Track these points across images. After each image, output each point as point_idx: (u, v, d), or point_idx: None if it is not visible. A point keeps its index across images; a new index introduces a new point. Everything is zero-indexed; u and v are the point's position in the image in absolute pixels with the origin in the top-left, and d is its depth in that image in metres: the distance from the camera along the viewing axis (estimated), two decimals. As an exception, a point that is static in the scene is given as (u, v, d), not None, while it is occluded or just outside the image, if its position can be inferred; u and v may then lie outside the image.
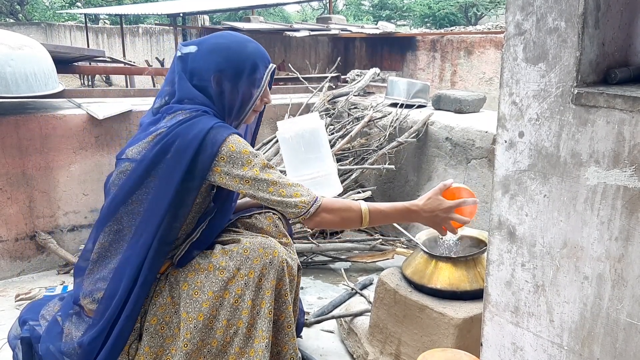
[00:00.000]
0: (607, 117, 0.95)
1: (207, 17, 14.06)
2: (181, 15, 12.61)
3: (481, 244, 1.75)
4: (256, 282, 1.49)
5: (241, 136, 1.49)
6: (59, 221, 2.68)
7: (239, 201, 1.78)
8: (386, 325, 1.75)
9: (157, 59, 13.32)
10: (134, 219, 1.47)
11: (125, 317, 1.44)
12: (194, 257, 1.53)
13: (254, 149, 1.49)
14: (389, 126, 2.94)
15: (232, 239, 1.60)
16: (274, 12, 24.13)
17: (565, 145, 1.02)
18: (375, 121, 3.01)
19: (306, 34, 9.25)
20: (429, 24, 19.78)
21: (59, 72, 2.93)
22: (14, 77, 2.50)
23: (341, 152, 2.92)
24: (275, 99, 3.31)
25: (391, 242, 2.76)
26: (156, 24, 16.59)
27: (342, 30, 9.75)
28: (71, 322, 1.55)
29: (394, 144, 2.85)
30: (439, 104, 3.09)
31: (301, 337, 1.98)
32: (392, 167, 2.80)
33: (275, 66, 1.62)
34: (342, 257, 2.71)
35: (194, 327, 1.44)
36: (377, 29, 10.05)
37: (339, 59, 4.44)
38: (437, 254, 1.70)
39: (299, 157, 1.92)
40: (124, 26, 15.87)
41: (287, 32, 9.45)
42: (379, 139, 2.97)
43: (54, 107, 2.73)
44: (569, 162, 1.02)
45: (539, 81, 1.04)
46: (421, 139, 2.86)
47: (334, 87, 3.74)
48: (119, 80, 14.59)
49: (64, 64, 3.91)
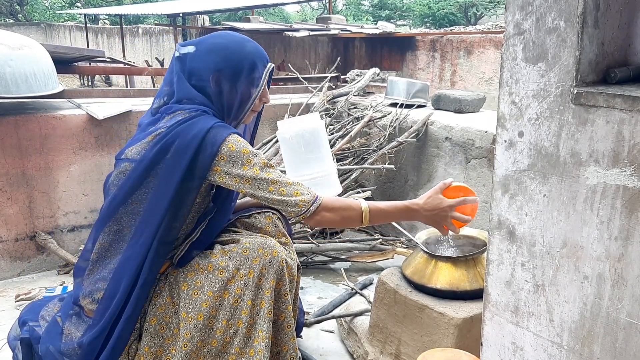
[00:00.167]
0: (606, 117, 0.95)
1: (206, 17, 14.04)
2: (181, 15, 12.61)
3: (481, 244, 1.75)
4: (256, 282, 1.49)
5: (241, 136, 1.49)
6: (58, 221, 2.68)
7: (238, 201, 1.78)
8: (386, 325, 1.75)
9: (156, 59, 13.33)
10: (134, 219, 1.47)
11: (125, 318, 1.44)
12: (193, 257, 1.53)
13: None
14: (389, 126, 2.94)
15: (231, 239, 1.60)
16: (274, 12, 24.13)
17: (564, 144, 1.02)
18: (375, 121, 3.01)
19: (306, 34, 9.26)
20: (428, 24, 19.76)
21: (58, 72, 2.93)
22: (14, 78, 2.49)
23: (341, 152, 2.91)
24: (275, 99, 3.31)
25: (391, 242, 2.76)
26: (156, 24, 16.60)
27: (341, 30, 9.75)
28: (71, 323, 1.54)
29: (394, 143, 2.85)
30: (439, 103, 3.08)
31: (301, 337, 1.98)
32: (392, 167, 2.80)
33: (273, 65, 1.62)
34: (342, 257, 2.71)
35: (194, 327, 1.44)
36: (377, 29, 10.05)
37: (338, 59, 4.44)
38: (437, 254, 1.70)
39: (299, 157, 1.92)
40: (124, 26, 15.87)
41: (287, 32, 9.45)
42: (379, 139, 2.97)
43: (53, 108, 2.72)
44: (568, 161, 1.02)
45: (538, 81, 1.04)
46: (421, 139, 2.86)
47: (334, 87, 3.74)
48: (118, 80, 14.59)
49: (64, 64, 3.91)
